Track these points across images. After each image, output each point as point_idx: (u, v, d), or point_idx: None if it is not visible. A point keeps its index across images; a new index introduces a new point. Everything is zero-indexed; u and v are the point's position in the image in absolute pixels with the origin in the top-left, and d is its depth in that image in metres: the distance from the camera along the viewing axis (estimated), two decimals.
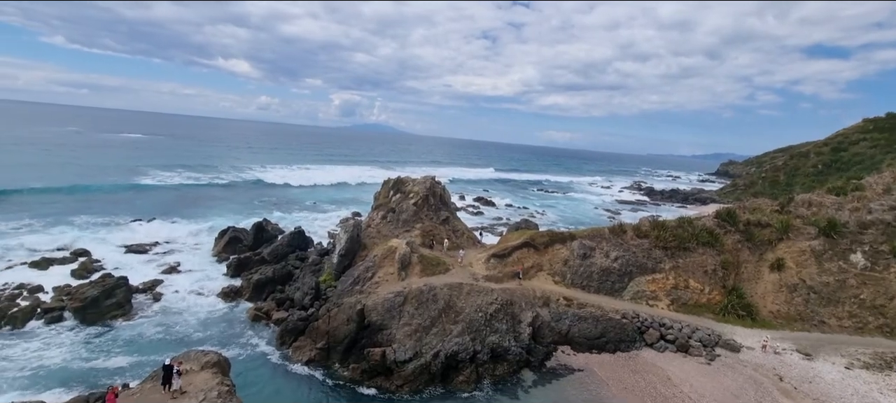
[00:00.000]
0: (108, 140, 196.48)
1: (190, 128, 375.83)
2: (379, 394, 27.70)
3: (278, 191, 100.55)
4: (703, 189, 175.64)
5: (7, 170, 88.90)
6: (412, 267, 36.82)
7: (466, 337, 30.79)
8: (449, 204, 52.08)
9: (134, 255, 48.37)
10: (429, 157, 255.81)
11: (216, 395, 19.71)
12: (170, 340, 32.58)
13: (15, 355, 28.96)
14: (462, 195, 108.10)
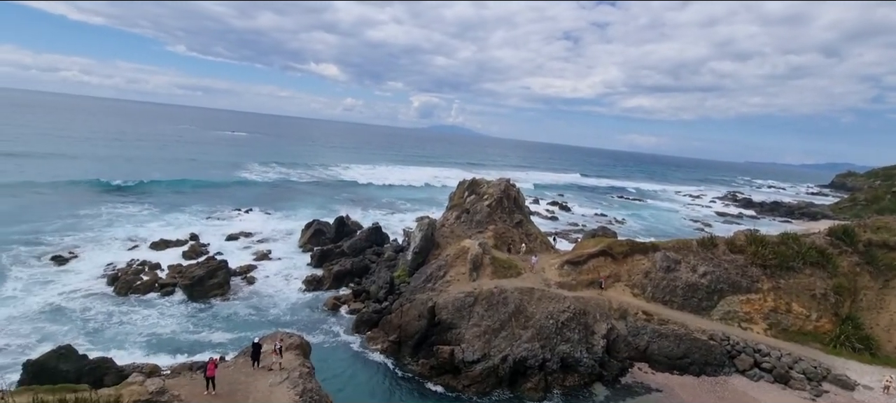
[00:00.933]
0: (216, 137, 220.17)
1: (284, 128, 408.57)
2: (446, 392, 28.09)
3: (359, 188, 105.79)
4: (813, 202, 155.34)
5: (136, 163, 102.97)
6: (483, 269, 36.88)
7: (536, 344, 30.20)
8: (523, 207, 51.41)
9: (233, 242, 53.64)
10: (504, 160, 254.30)
11: (298, 376, 21.25)
12: (259, 321, 35.67)
13: (137, 320, 33.50)
14: (537, 199, 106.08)
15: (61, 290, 36.22)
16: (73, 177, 75.67)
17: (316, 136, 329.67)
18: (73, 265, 41.43)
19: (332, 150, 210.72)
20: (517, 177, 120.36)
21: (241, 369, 21.53)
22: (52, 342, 27.90)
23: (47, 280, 37.79)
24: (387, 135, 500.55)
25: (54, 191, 66.79)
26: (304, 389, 20.13)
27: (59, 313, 32.93)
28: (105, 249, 45.98)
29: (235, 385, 19.86)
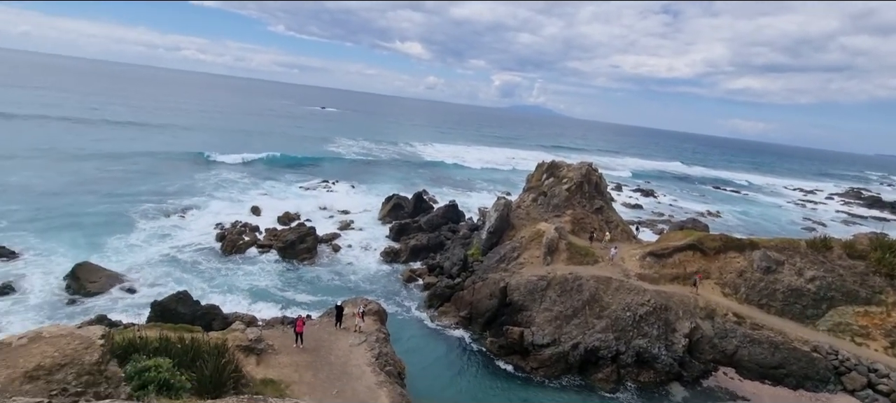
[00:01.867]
0: (309, 112, 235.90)
1: (369, 105, 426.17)
2: (514, 371, 28.33)
3: (437, 165, 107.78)
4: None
5: (241, 136, 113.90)
6: (558, 254, 36.15)
7: (610, 335, 29.23)
8: (605, 193, 49.19)
9: (321, 211, 57.71)
10: (586, 143, 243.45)
11: (375, 340, 22.70)
12: (339, 286, 38.32)
13: (238, 275, 37.63)
14: (620, 185, 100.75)
15: (177, 243, 41.64)
16: (188, 148, 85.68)
17: (398, 113, 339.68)
18: (187, 222, 47.31)
19: (413, 128, 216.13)
20: (600, 162, 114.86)
21: (324, 328, 23.45)
22: (172, 287, 32.37)
23: (166, 233, 43.59)
24: (466, 114, 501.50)
25: (172, 158, 76.20)
26: (379, 352, 21.48)
27: (175, 262, 37.99)
28: (213, 211, 51.83)
29: (320, 342, 21.72)
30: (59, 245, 37.29)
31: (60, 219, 42.73)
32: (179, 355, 14.70)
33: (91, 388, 10.30)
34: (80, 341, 10.97)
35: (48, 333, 11.45)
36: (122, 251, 38.42)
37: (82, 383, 10.21)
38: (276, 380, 18.04)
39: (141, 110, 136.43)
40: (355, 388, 18.50)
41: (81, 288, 30.95)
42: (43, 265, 33.83)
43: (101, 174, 60.36)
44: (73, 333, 11.55)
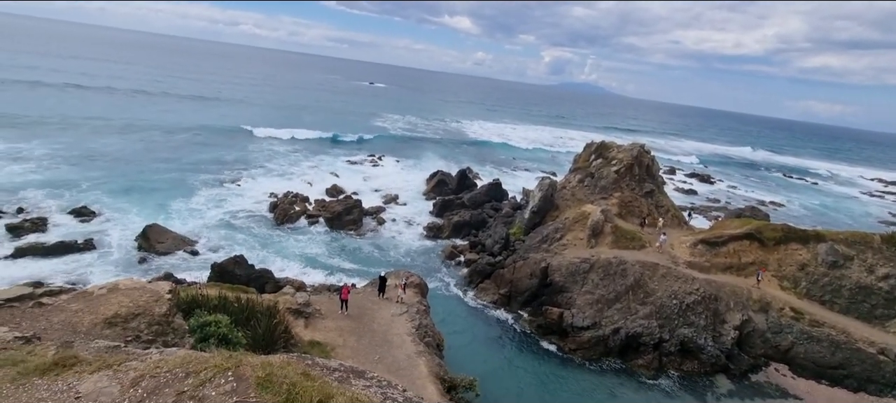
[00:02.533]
0: (358, 87, 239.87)
1: (417, 81, 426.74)
2: (552, 351, 28.35)
3: (482, 143, 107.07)
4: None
5: (292, 110, 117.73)
6: (603, 236, 35.33)
7: (653, 322, 28.50)
8: (656, 176, 47.17)
9: (366, 183, 59.18)
10: (639, 123, 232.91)
11: (415, 311, 23.37)
12: (383, 258, 39.43)
13: (290, 241, 39.60)
14: (673, 168, 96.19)
15: (234, 210, 44.20)
16: (242, 122, 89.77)
17: (445, 90, 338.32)
18: (242, 191, 49.98)
19: (459, 104, 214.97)
20: (653, 143, 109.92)
21: (368, 297, 24.38)
22: (229, 251, 34.59)
23: (223, 200, 46.31)
24: (514, 92, 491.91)
25: (229, 131, 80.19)
26: (420, 324, 22.13)
27: (232, 227, 40.42)
28: (266, 181, 54.39)
29: (363, 310, 22.65)
30: (131, 207, 40.62)
31: (131, 184, 46.42)
32: (236, 313, 15.85)
33: (160, 337, 11.38)
34: (151, 294, 12.09)
35: (124, 286, 12.67)
36: (184, 215, 41.33)
37: (152, 332, 11.30)
38: (322, 343, 19.07)
39: (201, 83, 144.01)
40: (396, 356, 19.23)
41: (151, 247, 33.72)
42: (118, 225, 37.06)
43: (166, 143, 64.66)
44: (145, 287, 12.73)
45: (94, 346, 8.68)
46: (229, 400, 5.56)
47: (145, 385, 6.31)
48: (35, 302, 11.56)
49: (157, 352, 8.00)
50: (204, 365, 6.31)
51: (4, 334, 8.69)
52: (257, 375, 5.86)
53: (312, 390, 5.39)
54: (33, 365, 7.39)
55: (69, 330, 10.40)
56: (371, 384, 8.34)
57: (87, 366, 7.23)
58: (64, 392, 6.66)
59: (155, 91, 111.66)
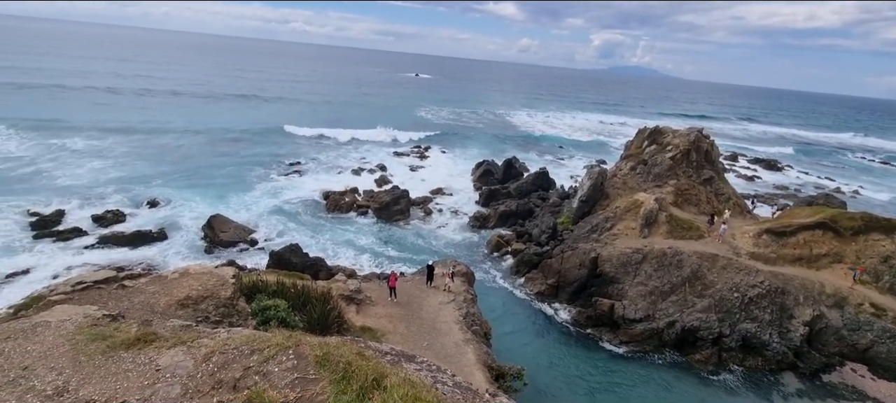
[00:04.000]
0: (404, 79, 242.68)
1: (461, 70, 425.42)
2: (602, 343, 27.72)
3: (528, 131, 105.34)
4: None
5: (341, 105, 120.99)
6: (657, 226, 33.91)
7: (712, 316, 27.13)
8: (716, 162, 44.56)
9: (413, 173, 60.00)
10: (697, 107, 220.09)
11: (463, 300, 23.57)
12: (430, 247, 39.92)
13: (341, 231, 40.97)
14: (735, 154, 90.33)
15: (288, 201, 46.23)
16: (294, 117, 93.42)
17: (490, 78, 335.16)
18: (295, 183, 52.14)
19: (504, 93, 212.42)
20: (713, 128, 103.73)
21: (416, 285, 24.84)
22: (284, 239, 36.33)
23: (278, 193, 48.52)
24: (561, 78, 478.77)
25: (281, 127, 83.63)
26: (467, 312, 22.31)
27: (287, 218, 42.33)
28: (318, 173, 56.42)
29: (411, 298, 23.13)
30: (196, 199, 43.50)
31: (195, 178, 49.69)
32: (292, 298, 16.67)
33: (226, 318, 12.21)
34: (217, 279, 12.97)
35: (193, 271, 13.67)
36: (243, 206, 43.75)
37: (219, 313, 12.13)
38: (373, 328, 19.69)
39: (254, 82, 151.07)
40: (444, 343, 19.53)
41: (215, 235, 36.04)
42: (186, 215, 39.86)
43: (224, 140, 68.45)
44: (212, 272, 13.67)
45: (170, 325, 9.47)
46: (290, 376, 5.91)
47: (216, 361, 6.82)
48: (118, 284, 12.74)
49: (224, 331, 8.61)
50: (267, 344, 6.73)
51: (95, 312, 9.65)
52: (316, 354, 6.18)
53: (367, 369, 5.63)
54: (119, 340, 8.18)
55: (148, 310, 11.40)
56: (421, 368, 8.54)
57: (165, 342, 7.91)
58: (146, 365, 7.34)
59: (216, 93, 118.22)
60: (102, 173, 47.91)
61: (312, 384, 5.72)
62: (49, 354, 7.81)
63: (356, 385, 5.33)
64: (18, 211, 36.61)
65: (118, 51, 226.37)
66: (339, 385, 5.46)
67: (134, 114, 78.27)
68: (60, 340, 8.23)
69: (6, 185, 41.94)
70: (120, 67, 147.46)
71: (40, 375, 7.21)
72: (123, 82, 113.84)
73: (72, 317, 9.16)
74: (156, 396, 6.47)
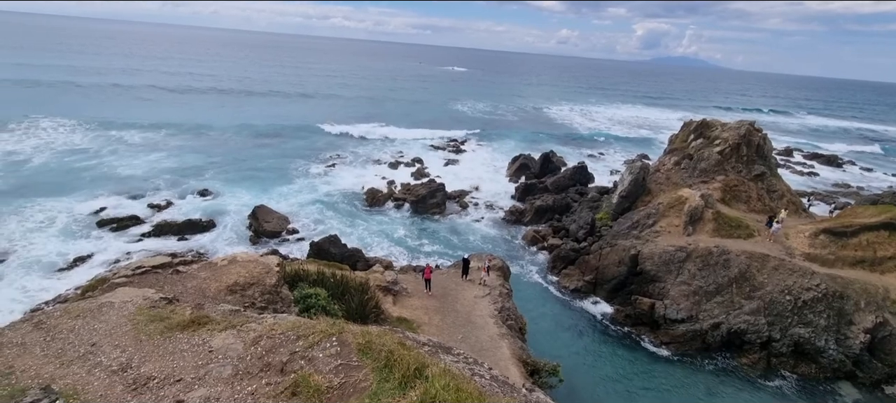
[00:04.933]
0: (441, 72, 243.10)
1: (498, 63, 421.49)
2: (641, 342, 26.98)
3: (566, 125, 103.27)
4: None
5: (377, 99, 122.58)
6: (703, 224, 32.53)
7: (761, 319, 25.84)
8: (768, 157, 42.15)
9: (449, 167, 60.13)
10: (749, 99, 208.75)
11: (498, 294, 23.52)
12: (465, 241, 39.95)
13: (378, 223, 41.68)
14: (790, 148, 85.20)
15: (327, 194, 47.40)
16: (332, 113, 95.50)
17: (528, 71, 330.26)
18: (334, 176, 53.36)
19: (542, 86, 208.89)
20: (765, 121, 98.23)
21: (451, 278, 24.99)
22: (324, 230, 37.32)
23: (318, 185, 49.85)
24: (601, 70, 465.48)
25: (321, 122, 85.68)
26: (502, 307, 22.25)
27: (326, 210, 43.45)
28: (356, 167, 57.53)
29: (447, 290, 23.29)
30: (242, 190, 45.39)
31: (241, 170, 51.79)
32: (332, 287, 17.17)
33: (270, 305, 12.71)
34: (263, 267, 13.51)
35: (241, 258, 14.29)
36: (284, 197, 45.25)
37: (265, 299, 12.65)
38: (409, 319, 19.98)
39: (294, 78, 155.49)
40: (479, 336, 19.58)
41: (259, 225, 37.50)
42: (232, 205, 41.68)
43: (267, 134, 70.82)
44: (258, 260, 14.25)
45: (220, 309, 9.96)
46: (334, 362, 6.10)
47: (263, 344, 7.13)
48: (173, 269, 13.51)
49: (271, 317, 8.98)
50: (311, 330, 6.98)
51: (153, 295, 10.30)
52: (358, 341, 6.36)
53: (409, 358, 5.74)
54: (175, 322, 8.69)
55: (200, 294, 12.04)
56: (458, 360, 8.61)
57: (216, 325, 8.34)
58: (199, 346, 7.77)
59: (255, 88, 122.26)
60: (156, 164, 50.76)
61: (356, 371, 5.89)
62: (113, 332, 8.41)
63: (398, 373, 5.45)
64: (83, 199, 39.44)
65: (170, 49, 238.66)
66: (381, 373, 5.60)
67: (184, 111, 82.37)
68: (123, 320, 8.85)
69: (73, 174, 45.27)
70: (171, 66, 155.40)
71: (106, 352, 7.78)
72: (175, 80, 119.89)
73: (133, 299, 9.81)
74: (209, 376, 6.84)
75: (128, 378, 7.00)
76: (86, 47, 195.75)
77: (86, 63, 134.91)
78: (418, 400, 4.69)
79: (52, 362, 7.42)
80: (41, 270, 29.20)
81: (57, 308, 9.93)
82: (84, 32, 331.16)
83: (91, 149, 54.12)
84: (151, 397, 6.47)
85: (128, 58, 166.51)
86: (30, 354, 7.62)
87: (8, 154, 49.62)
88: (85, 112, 69.99)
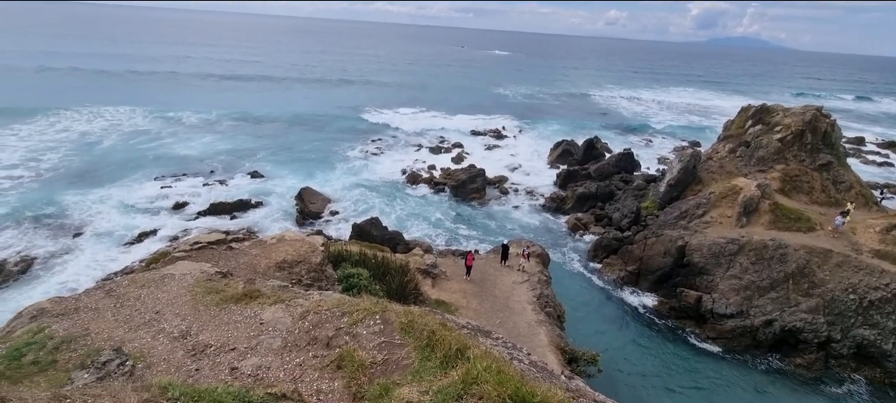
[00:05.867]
0: (484, 56, 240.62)
1: (542, 47, 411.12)
2: (686, 336, 26.07)
3: (611, 110, 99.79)
4: None
5: (418, 84, 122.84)
6: (759, 215, 30.73)
7: (820, 318, 24.30)
8: (836, 145, 39.06)
9: (489, 152, 59.74)
10: (816, 83, 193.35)
11: (537, 280, 23.34)
12: (504, 227, 39.72)
13: (418, 207, 42.17)
14: (862, 136, 78.53)
15: (369, 177, 48.34)
16: (374, 98, 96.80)
17: (572, 54, 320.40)
18: (376, 161, 54.25)
19: (587, 69, 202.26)
20: (835, 106, 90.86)
21: (490, 263, 25.00)
22: (365, 213, 38.19)
23: (360, 168, 50.89)
24: (652, 52, 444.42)
25: (362, 108, 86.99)
26: (541, 294, 22.08)
27: (368, 192, 44.32)
28: (396, 152, 58.18)
29: (485, 276, 23.34)
30: (288, 172, 47.11)
31: (288, 154, 53.66)
32: (373, 268, 17.60)
33: (316, 282, 13.21)
34: (309, 246, 14.03)
35: (288, 237, 14.90)
36: (327, 180, 46.54)
37: (310, 277, 13.17)
38: (447, 302, 20.22)
39: (339, 64, 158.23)
40: (516, 322, 19.57)
41: (305, 206, 38.87)
42: (279, 186, 43.38)
43: (312, 120, 72.47)
44: (304, 239, 14.81)
45: (270, 284, 10.48)
46: (378, 340, 6.30)
47: (310, 319, 7.46)
48: (226, 246, 14.28)
49: (317, 293, 9.36)
50: (356, 308, 7.22)
51: (209, 269, 10.95)
52: (401, 321, 6.53)
53: (451, 339, 5.84)
54: (229, 295, 9.22)
55: (251, 270, 12.69)
56: (497, 343, 8.66)
57: (267, 299, 8.78)
58: (251, 319, 8.22)
59: (301, 75, 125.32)
60: (211, 146, 53.49)
61: (398, 348, 6.07)
62: (174, 302, 9.05)
63: (440, 353, 5.57)
64: (147, 177, 42.32)
65: (222, 36, 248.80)
66: (423, 352, 5.74)
67: (235, 96, 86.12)
68: (183, 290, 9.49)
69: (138, 154, 48.62)
70: (222, 52, 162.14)
71: (168, 319, 8.39)
72: (226, 67, 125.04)
73: (191, 272, 10.48)
74: (260, 346, 7.25)
75: (188, 344, 7.53)
76: (144, 35, 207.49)
77: (145, 51, 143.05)
78: (460, 379, 4.77)
79: (121, 326, 8.09)
80: (111, 242, 31.71)
81: (125, 278, 10.78)
82: (142, 21, 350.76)
83: (152, 131, 57.79)
84: (209, 363, 6.94)
85: (183, 46, 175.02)
86: (102, 318, 8.34)
87: (82, 135, 53.83)
88: (146, 98, 74.57)
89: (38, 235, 31.57)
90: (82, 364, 6.63)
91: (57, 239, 31.40)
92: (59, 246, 30.50)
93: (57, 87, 78.46)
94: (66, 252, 30.04)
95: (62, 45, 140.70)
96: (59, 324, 7.89)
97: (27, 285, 26.56)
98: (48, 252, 29.74)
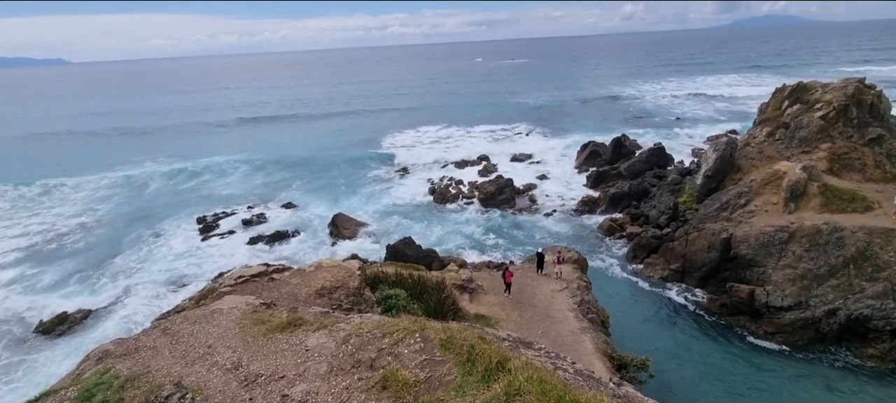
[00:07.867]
0: (500, 66, 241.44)
1: (556, 50, 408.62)
2: (741, 333, 24.84)
3: (637, 106, 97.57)
4: None
5: (436, 100, 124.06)
6: (807, 199, 29.20)
7: (889, 302, 22.69)
8: (886, 117, 36.80)
9: (517, 162, 59.42)
10: (855, 54, 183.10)
11: (576, 287, 22.86)
12: (536, 235, 39.22)
13: (450, 223, 42.30)
14: None
15: (399, 198, 49.01)
16: (397, 120, 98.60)
17: (589, 54, 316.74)
18: (404, 181, 54.95)
19: (607, 67, 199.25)
20: (879, 75, 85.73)
21: (526, 273, 24.69)
22: (398, 233, 38.57)
23: (388, 189, 51.73)
24: (673, 42, 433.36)
25: (384, 130, 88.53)
26: (582, 300, 21.61)
27: (399, 213, 44.87)
28: (423, 169, 58.75)
29: (522, 286, 23.05)
30: (318, 200, 48.38)
31: (318, 183, 55.21)
32: (410, 287, 17.74)
33: (355, 306, 13.44)
34: (346, 271, 14.31)
35: (325, 264, 15.25)
36: (359, 205, 47.44)
37: (349, 301, 13.40)
38: (486, 316, 20.07)
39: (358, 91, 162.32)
40: (559, 331, 19.18)
41: (339, 232, 39.71)
42: (313, 215, 44.54)
43: (337, 148, 74.66)
44: (341, 265, 15.12)
45: (312, 311, 10.74)
46: (419, 357, 6.36)
47: (353, 342, 7.60)
48: (268, 277, 14.76)
49: (357, 317, 9.53)
50: (396, 328, 7.32)
51: (254, 301, 11.35)
52: (440, 337, 6.57)
53: (490, 352, 5.83)
54: (274, 324, 9.51)
55: (293, 299, 13.05)
56: (539, 354, 8.54)
57: (310, 326, 9.01)
58: (297, 346, 8.45)
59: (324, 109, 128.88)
60: (246, 183, 55.69)
61: (440, 365, 6.10)
62: (224, 335, 9.41)
63: (481, 367, 5.56)
64: (191, 216, 44.50)
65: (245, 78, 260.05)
66: (464, 367, 5.75)
67: (264, 134, 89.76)
68: (231, 324, 9.86)
69: (181, 196, 51.19)
70: (247, 95, 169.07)
71: (220, 352, 8.73)
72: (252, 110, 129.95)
73: (238, 305, 10.89)
74: (307, 372, 7.43)
75: (240, 375, 7.80)
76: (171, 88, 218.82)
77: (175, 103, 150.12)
78: (502, 392, 4.76)
79: (178, 362, 8.48)
80: (163, 283, 33.36)
81: (177, 316, 11.30)
82: (167, 73, 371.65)
83: (192, 171, 60.74)
84: (261, 392, 7.16)
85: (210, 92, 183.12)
86: (161, 356, 8.77)
87: (128, 178, 57.48)
88: (180, 147, 78.62)
89: (97, 277, 33.85)
90: (147, 400, 6.98)
91: (115, 281, 33.54)
92: (119, 289, 32.52)
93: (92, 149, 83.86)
94: (123, 294, 31.91)
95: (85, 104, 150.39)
96: (122, 364, 8.35)
97: (91, 328, 28.33)
98: (107, 296, 31.67)
